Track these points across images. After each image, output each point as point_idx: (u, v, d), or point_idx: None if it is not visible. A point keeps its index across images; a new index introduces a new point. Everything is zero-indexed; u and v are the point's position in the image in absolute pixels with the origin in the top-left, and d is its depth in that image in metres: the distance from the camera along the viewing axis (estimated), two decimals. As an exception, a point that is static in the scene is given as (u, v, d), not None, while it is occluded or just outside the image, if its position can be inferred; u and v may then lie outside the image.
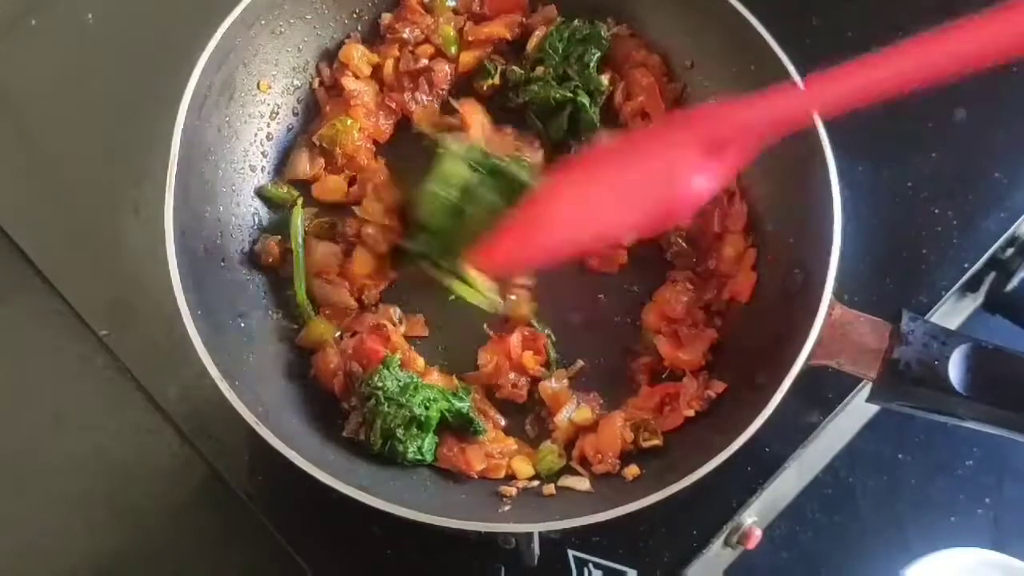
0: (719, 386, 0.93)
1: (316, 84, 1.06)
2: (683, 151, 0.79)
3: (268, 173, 1.04)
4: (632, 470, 0.92)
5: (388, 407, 0.90)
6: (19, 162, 1.10)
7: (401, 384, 0.91)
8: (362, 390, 0.91)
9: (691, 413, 0.93)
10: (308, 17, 1.05)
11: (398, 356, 0.94)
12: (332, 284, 0.99)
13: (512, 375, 0.97)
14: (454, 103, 1.04)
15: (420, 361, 0.97)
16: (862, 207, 1.07)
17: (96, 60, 1.13)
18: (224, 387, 0.82)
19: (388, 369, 0.91)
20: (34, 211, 1.08)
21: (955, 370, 0.84)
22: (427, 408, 0.91)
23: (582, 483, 0.92)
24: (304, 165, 1.03)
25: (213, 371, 0.82)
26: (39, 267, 1.03)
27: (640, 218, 0.83)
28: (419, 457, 0.91)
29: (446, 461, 0.92)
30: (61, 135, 1.11)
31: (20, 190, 1.09)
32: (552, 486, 0.92)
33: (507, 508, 0.89)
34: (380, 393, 0.90)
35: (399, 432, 0.90)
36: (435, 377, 0.96)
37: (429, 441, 0.92)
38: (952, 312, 1.17)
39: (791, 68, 0.95)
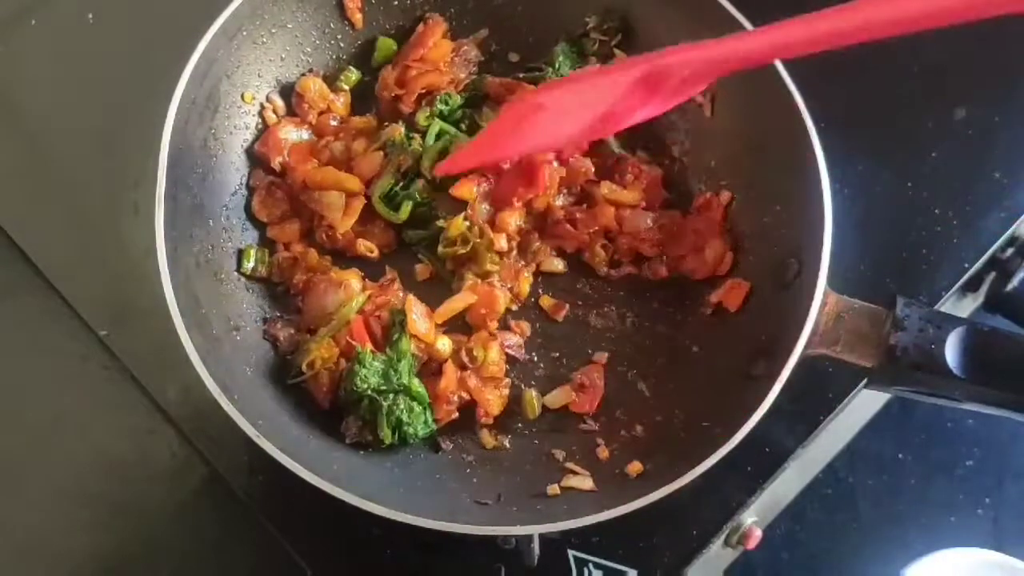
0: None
1: (268, 112, 1.06)
2: (627, 81, 0.84)
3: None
4: (635, 467, 0.92)
5: (385, 399, 0.91)
6: (19, 162, 1.10)
7: (381, 371, 0.92)
8: (351, 396, 0.92)
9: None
10: (289, 26, 1.05)
11: (368, 348, 0.93)
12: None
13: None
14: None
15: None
16: (862, 207, 1.07)
17: (96, 60, 1.13)
18: (223, 402, 0.82)
19: (363, 365, 0.92)
20: (34, 211, 1.08)
21: (952, 353, 0.84)
22: (411, 372, 0.93)
23: (585, 482, 0.92)
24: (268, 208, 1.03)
25: (211, 386, 0.82)
26: (39, 267, 1.03)
27: (579, 131, 0.90)
28: (427, 430, 0.93)
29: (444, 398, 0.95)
30: (61, 135, 1.11)
31: (20, 190, 1.09)
32: (556, 486, 0.92)
33: (509, 509, 0.89)
34: (368, 390, 0.91)
35: (405, 416, 0.91)
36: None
37: (429, 414, 0.94)
38: (952, 312, 1.17)
39: (783, 71, 0.95)
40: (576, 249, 1.05)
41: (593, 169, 1.05)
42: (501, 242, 1.01)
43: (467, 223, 1.00)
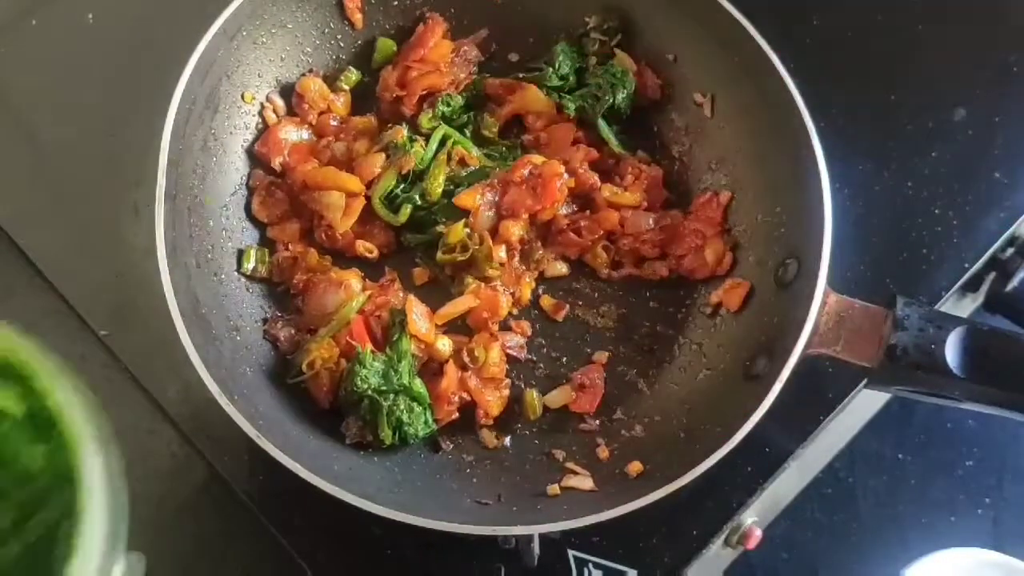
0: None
1: (268, 112, 1.06)
2: None
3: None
4: (635, 467, 0.92)
5: (385, 399, 0.91)
6: (19, 162, 1.10)
7: (381, 371, 0.92)
8: (351, 397, 0.92)
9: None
10: (289, 26, 1.05)
11: (369, 348, 0.93)
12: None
13: None
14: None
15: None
16: (862, 207, 1.07)
17: (96, 60, 1.13)
18: (223, 402, 0.82)
19: (363, 365, 0.92)
20: (34, 211, 1.08)
21: (952, 353, 0.84)
22: (411, 372, 0.93)
23: (585, 482, 0.92)
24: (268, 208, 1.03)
25: (212, 387, 0.82)
26: (39, 267, 1.03)
27: None
28: (428, 430, 0.93)
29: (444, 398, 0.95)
30: (61, 135, 1.11)
31: (20, 190, 1.09)
32: (556, 486, 0.92)
33: (509, 509, 0.89)
34: (368, 390, 0.91)
35: (405, 417, 0.91)
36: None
37: (429, 414, 0.94)
38: (952, 312, 1.17)
39: (776, 60, 0.96)
40: (578, 254, 1.05)
41: (599, 179, 1.05)
42: (500, 253, 1.00)
43: (467, 230, 1.00)
